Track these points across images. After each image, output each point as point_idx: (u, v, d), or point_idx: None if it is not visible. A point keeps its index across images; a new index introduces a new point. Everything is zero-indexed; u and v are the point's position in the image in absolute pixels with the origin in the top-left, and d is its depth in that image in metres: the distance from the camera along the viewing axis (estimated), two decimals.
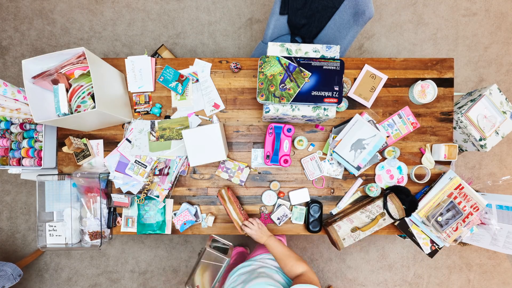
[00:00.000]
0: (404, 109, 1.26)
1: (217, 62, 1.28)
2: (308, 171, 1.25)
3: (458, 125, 1.44)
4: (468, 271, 2.04)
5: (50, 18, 2.05)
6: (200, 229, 1.27)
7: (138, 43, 2.05)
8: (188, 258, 2.05)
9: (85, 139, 1.25)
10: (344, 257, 2.05)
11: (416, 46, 2.05)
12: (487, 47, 2.03)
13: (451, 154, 1.20)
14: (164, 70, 1.23)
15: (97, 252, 2.05)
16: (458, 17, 2.04)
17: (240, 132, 1.28)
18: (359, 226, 1.14)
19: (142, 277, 2.05)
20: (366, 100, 1.25)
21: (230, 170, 1.25)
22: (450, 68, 1.26)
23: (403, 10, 2.05)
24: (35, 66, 1.03)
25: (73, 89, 1.07)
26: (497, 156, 2.03)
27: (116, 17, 2.05)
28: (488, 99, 1.39)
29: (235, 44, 2.07)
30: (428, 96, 1.22)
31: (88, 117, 1.06)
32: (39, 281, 2.05)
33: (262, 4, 2.05)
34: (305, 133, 1.28)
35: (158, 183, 1.23)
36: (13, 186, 2.05)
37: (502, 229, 1.20)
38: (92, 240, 1.21)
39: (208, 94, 1.27)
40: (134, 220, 1.25)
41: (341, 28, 1.33)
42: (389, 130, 1.26)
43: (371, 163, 1.22)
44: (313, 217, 1.22)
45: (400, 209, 1.13)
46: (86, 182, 1.19)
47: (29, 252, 2.05)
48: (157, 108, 1.25)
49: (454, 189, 1.16)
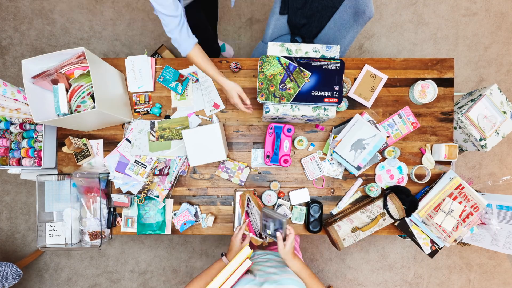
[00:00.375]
0: (404, 109, 1.25)
1: (217, 62, 1.27)
2: (308, 171, 1.25)
3: (458, 125, 1.44)
4: (469, 271, 2.04)
5: (50, 18, 2.04)
6: (200, 229, 1.27)
7: (138, 43, 2.05)
8: (188, 258, 2.04)
9: (85, 139, 1.25)
10: (344, 257, 2.05)
11: (416, 46, 2.05)
12: (488, 47, 2.03)
13: (452, 154, 1.20)
14: (164, 70, 1.23)
15: (97, 252, 2.05)
16: (458, 17, 2.04)
17: (240, 132, 1.28)
18: (359, 226, 1.14)
19: (142, 277, 2.05)
20: (366, 100, 1.25)
21: (230, 170, 1.25)
22: (450, 68, 1.26)
23: (403, 10, 2.04)
24: (35, 66, 1.03)
25: (73, 89, 1.06)
26: (497, 156, 2.03)
27: (116, 17, 2.05)
28: (488, 99, 1.39)
29: (235, 44, 2.07)
30: (429, 96, 1.22)
31: (88, 117, 1.06)
32: (38, 281, 2.05)
33: (262, 4, 2.05)
34: (305, 133, 1.28)
35: (158, 183, 1.23)
36: (13, 186, 2.04)
37: (502, 229, 1.20)
38: (92, 240, 1.21)
39: (208, 94, 1.27)
40: (134, 220, 1.25)
41: (341, 28, 1.33)
42: (389, 130, 1.25)
43: (371, 163, 1.22)
44: (313, 217, 1.22)
45: (400, 209, 1.13)
46: (86, 182, 1.19)
47: (29, 252, 2.05)
48: (157, 108, 1.25)
49: (455, 189, 1.16)
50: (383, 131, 1.25)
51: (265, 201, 1.24)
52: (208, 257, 2.04)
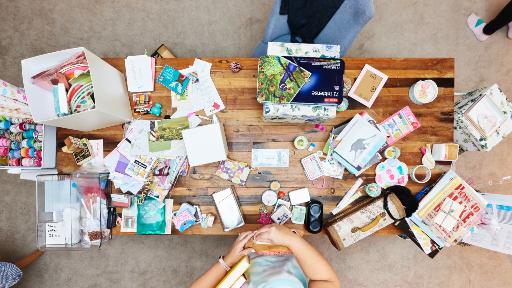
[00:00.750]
0: (405, 109, 1.25)
1: (217, 62, 1.27)
2: (308, 171, 1.25)
3: (458, 125, 1.44)
4: (469, 271, 2.04)
5: (50, 17, 2.04)
6: (200, 229, 1.26)
7: (138, 43, 2.05)
8: (188, 259, 2.04)
9: (84, 139, 1.24)
10: (344, 257, 2.05)
11: (416, 46, 2.05)
12: (488, 46, 2.03)
13: (452, 154, 1.19)
14: (164, 70, 1.23)
15: (96, 252, 2.05)
16: (458, 16, 2.04)
17: (240, 132, 1.28)
18: (360, 226, 1.14)
19: (142, 278, 2.04)
20: (366, 100, 1.25)
21: (230, 170, 1.25)
22: (450, 68, 1.26)
23: (404, 10, 2.04)
24: (35, 66, 1.03)
25: (73, 89, 1.06)
26: (497, 156, 2.02)
27: (116, 16, 2.05)
28: (488, 99, 1.39)
29: (235, 43, 2.07)
30: (429, 96, 1.22)
31: (88, 117, 1.05)
32: (38, 281, 2.05)
33: (262, 4, 2.04)
34: (305, 133, 1.27)
35: (158, 183, 1.23)
36: (13, 186, 2.04)
37: (502, 229, 1.20)
38: (91, 240, 1.20)
39: (208, 94, 1.26)
40: (134, 220, 1.25)
41: (341, 28, 1.32)
42: (390, 130, 1.25)
43: (371, 163, 1.22)
44: (313, 217, 1.22)
45: (400, 209, 1.13)
46: (86, 182, 1.19)
47: (28, 252, 2.05)
48: (157, 108, 1.24)
49: (455, 189, 1.16)
50: (383, 131, 1.25)
51: (265, 201, 1.24)
52: (208, 257, 2.04)
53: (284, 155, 1.26)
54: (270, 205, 1.25)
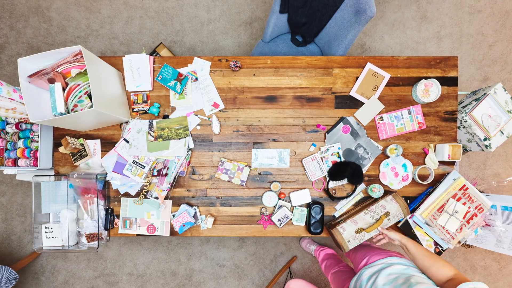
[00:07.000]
0: (416, 106, 1.23)
1: (217, 61, 1.25)
2: (309, 171, 1.23)
3: (462, 125, 1.42)
4: (473, 273, 2.02)
5: (46, 15, 2.02)
6: (199, 230, 1.24)
7: (136, 41, 2.03)
8: (187, 261, 2.02)
9: (82, 139, 1.22)
10: (346, 258, 2.03)
11: (419, 44, 2.03)
12: (492, 45, 2.01)
13: (455, 154, 1.18)
14: (163, 69, 1.21)
15: (94, 254, 2.03)
16: (462, 14, 2.01)
17: (240, 132, 1.26)
18: (364, 227, 1.12)
19: (140, 280, 2.02)
20: (368, 99, 1.23)
21: (229, 171, 1.23)
22: (454, 66, 1.24)
23: (406, 8, 2.02)
24: (31, 65, 1.02)
25: (70, 88, 1.05)
26: (502, 157, 2.00)
27: (113, 14, 2.02)
28: (492, 98, 1.37)
29: (235, 42, 2.04)
30: (432, 95, 1.20)
31: (85, 117, 1.04)
32: (35, 284, 2.03)
33: (262, 2, 2.02)
34: (306, 133, 1.25)
35: (157, 184, 1.21)
36: (9, 187, 2.02)
37: (507, 230, 1.18)
38: (89, 242, 1.19)
39: (207, 93, 1.24)
40: (132, 221, 1.23)
41: (342, 27, 1.30)
42: (394, 122, 1.23)
43: (373, 156, 1.22)
44: (314, 218, 1.20)
45: (404, 208, 1.11)
46: (83, 183, 1.17)
47: (25, 254, 2.02)
48: (156, 107, 1.22)
49: (459, 190, 1.14)
50: (380, 104, 1.23)
51: (265, 202, 1.22)
52: (207, 260, 2.02)
53: (285, 155, 1.24)
54: (270, 206, 1.23)
